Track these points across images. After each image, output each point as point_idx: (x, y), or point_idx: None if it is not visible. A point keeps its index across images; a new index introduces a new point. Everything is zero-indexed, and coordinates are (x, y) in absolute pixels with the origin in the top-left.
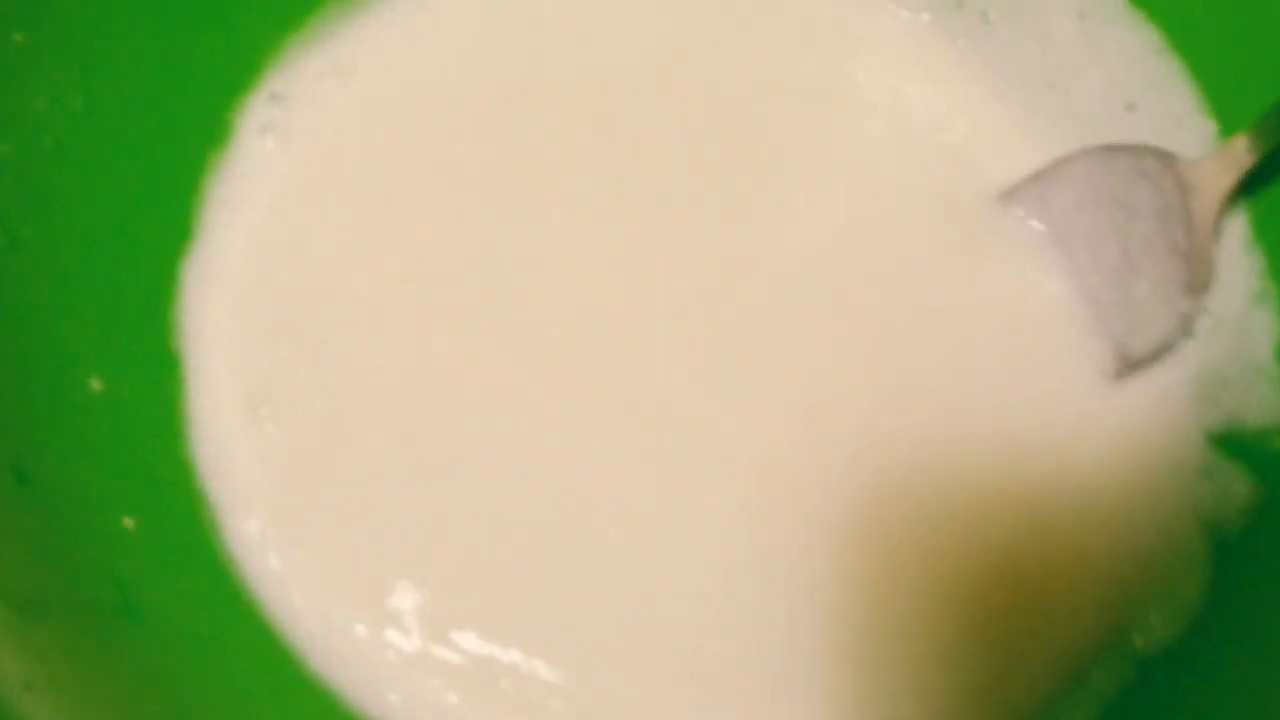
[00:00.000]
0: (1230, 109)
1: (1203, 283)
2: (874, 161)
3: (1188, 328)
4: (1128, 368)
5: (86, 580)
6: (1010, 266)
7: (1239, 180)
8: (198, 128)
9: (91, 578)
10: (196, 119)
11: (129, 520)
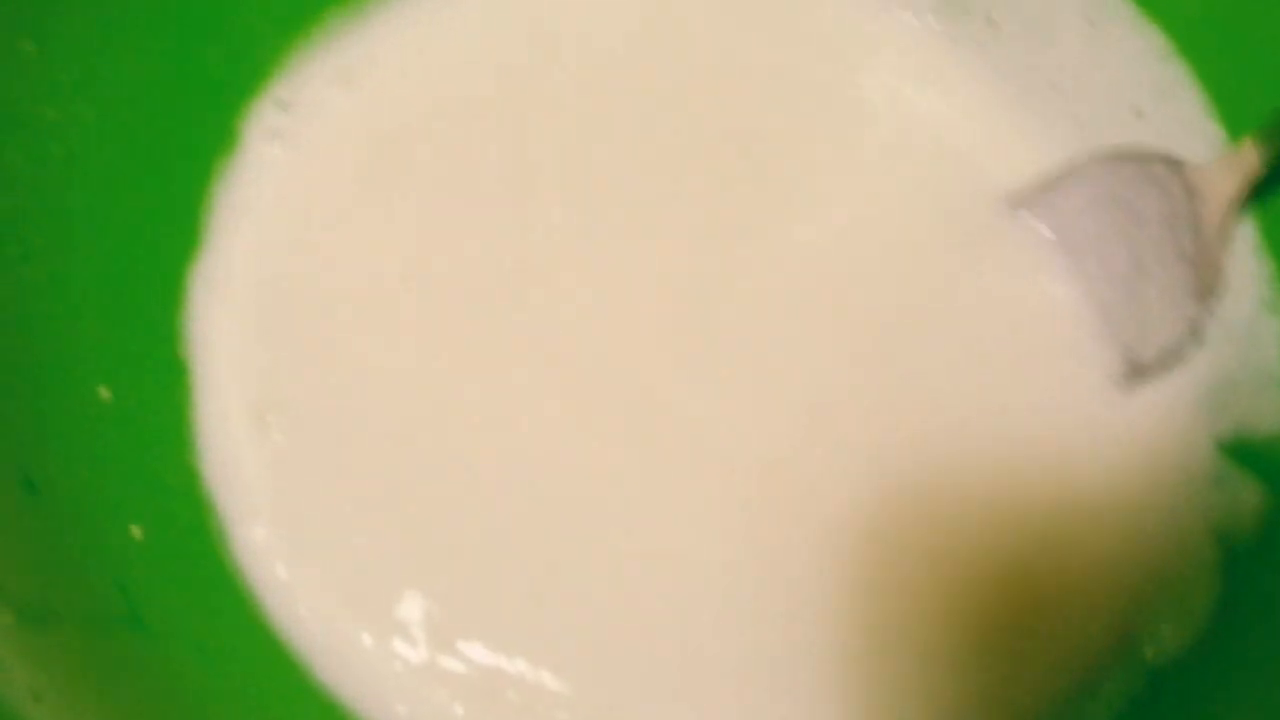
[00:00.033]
0: (1238, 114)
1: (1211, 289)
2: (880, 166)
3: (1196, 334)
4: (1136, 374)
5: (94, 589)
6: (1017, 272)
7: (1247, 185)
8: (205, 135)
9: (99, 586)
10: (204, 126)
11: (137, 529)
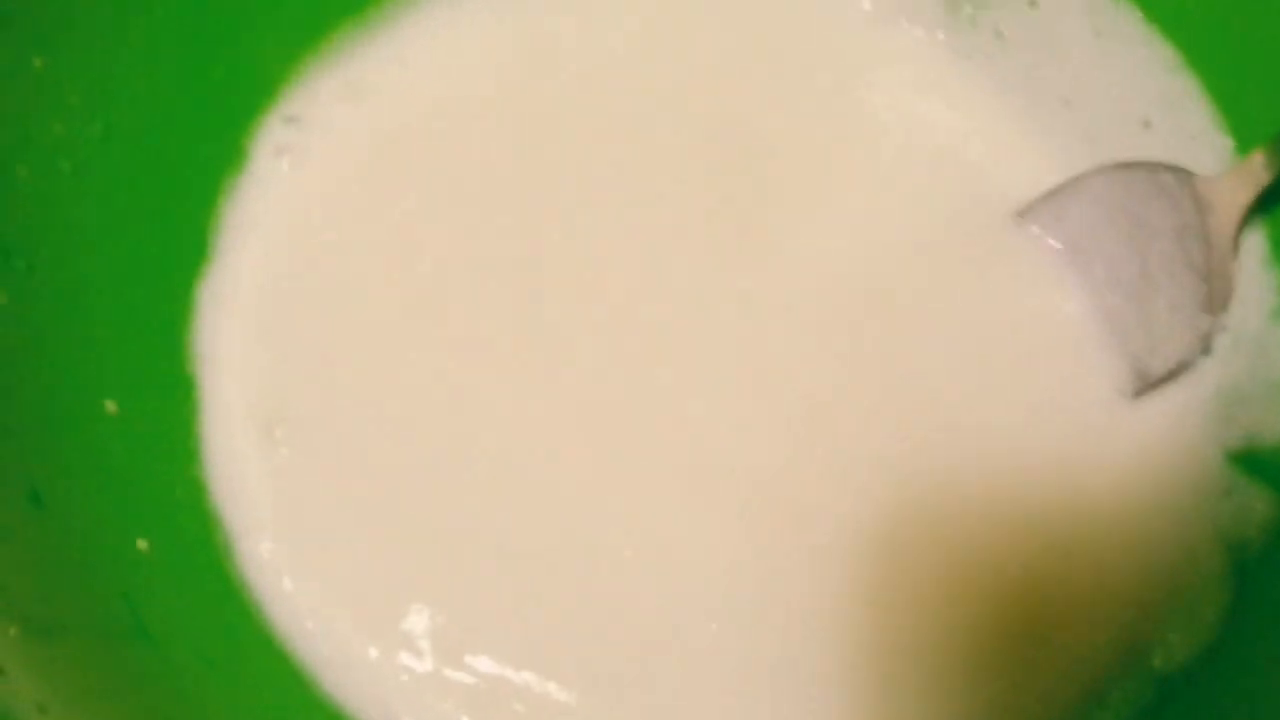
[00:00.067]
0: (1247, 126)
1: (1221, 300)
2: (889, 179)
3: (1206, 345)
4: (1146, 386)
5: (100, 601)
6: (1026, 284)
7: (1256, 197)
8: (213, 151)
9: (105, 599)
10: (212, 142)
11: (143, 542)
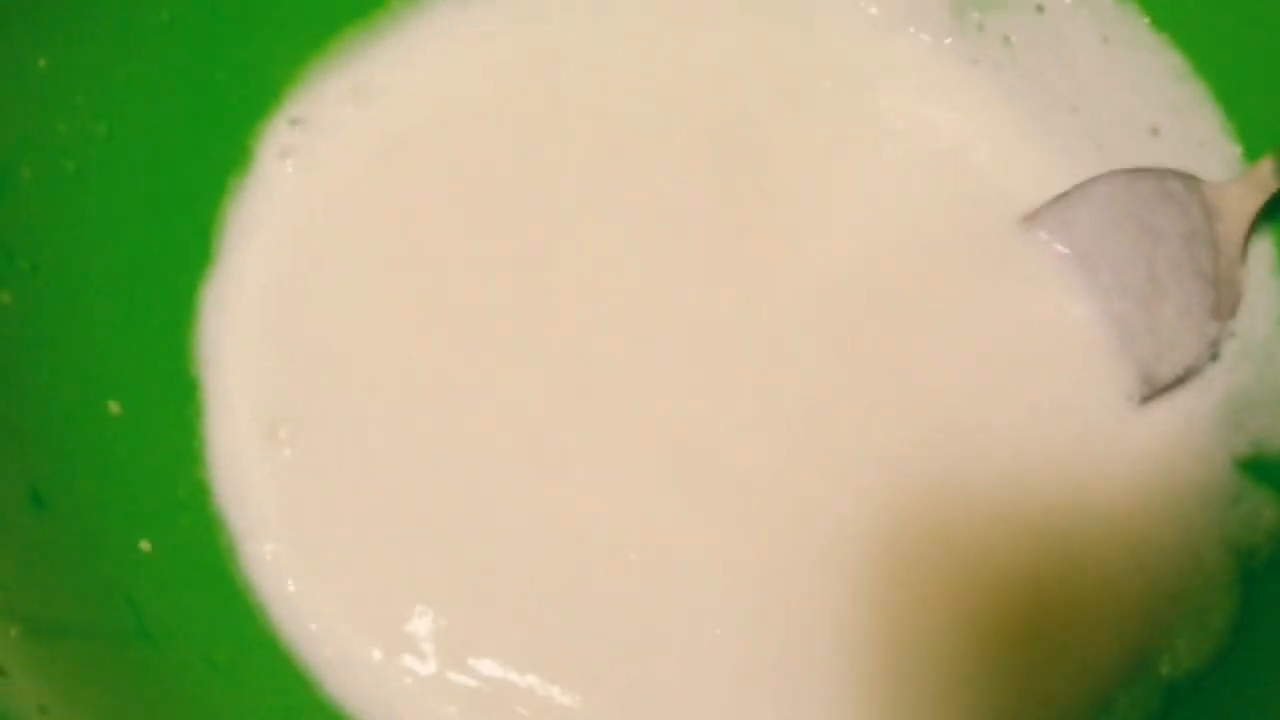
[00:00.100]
0: (1255, 133)
1: (1229, 307)
2: (894, 184)
3: (1214, 351)
4: (1153, 391)
5: (103, 603)
6: (1034, 290)
7: (1265, 204)
8: (218, 152)
9: (107, 600)
10: (217, 143)
11: (146, 543)
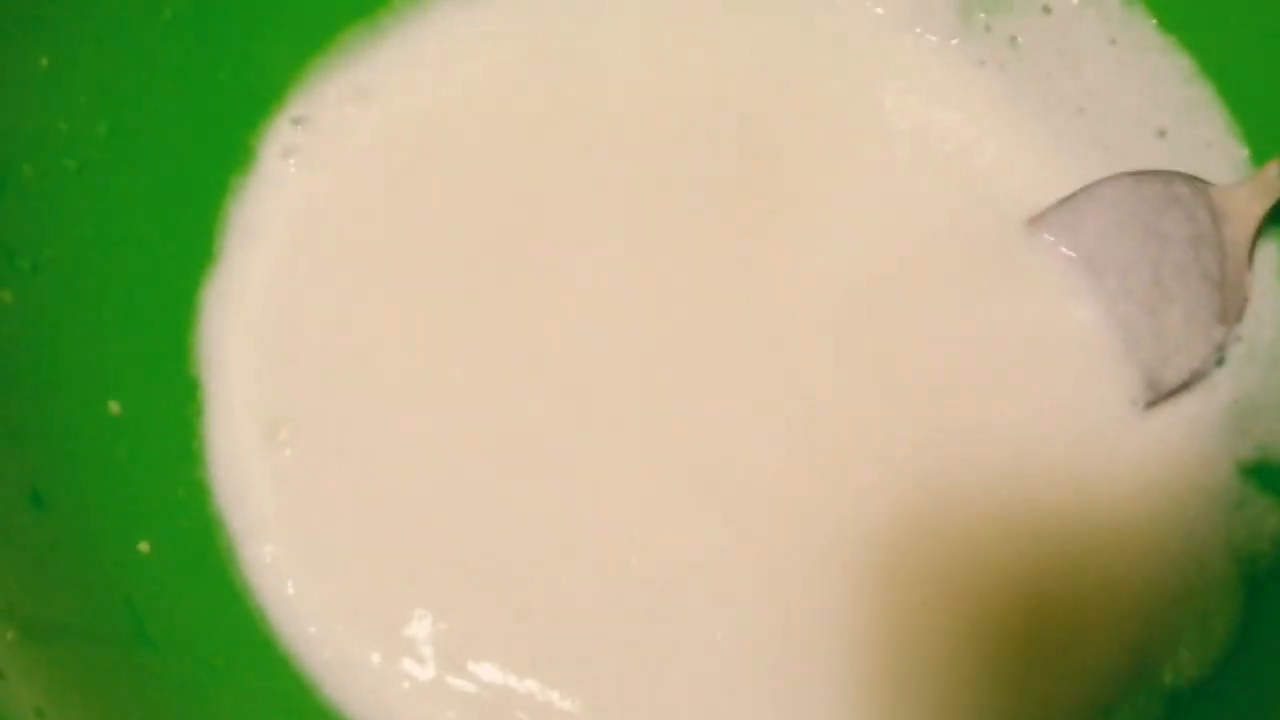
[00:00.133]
0: (1263, 136)
1: (1235, 311)
2: (901, 187)
3: (1220, 356)
4: (1158, 396)
5: (101, 604)
6: (1039, 293)
7: (1272, 207)
8: (220, 151)
9: (106, 602)
10: (219, 142)
11: (145, 544)
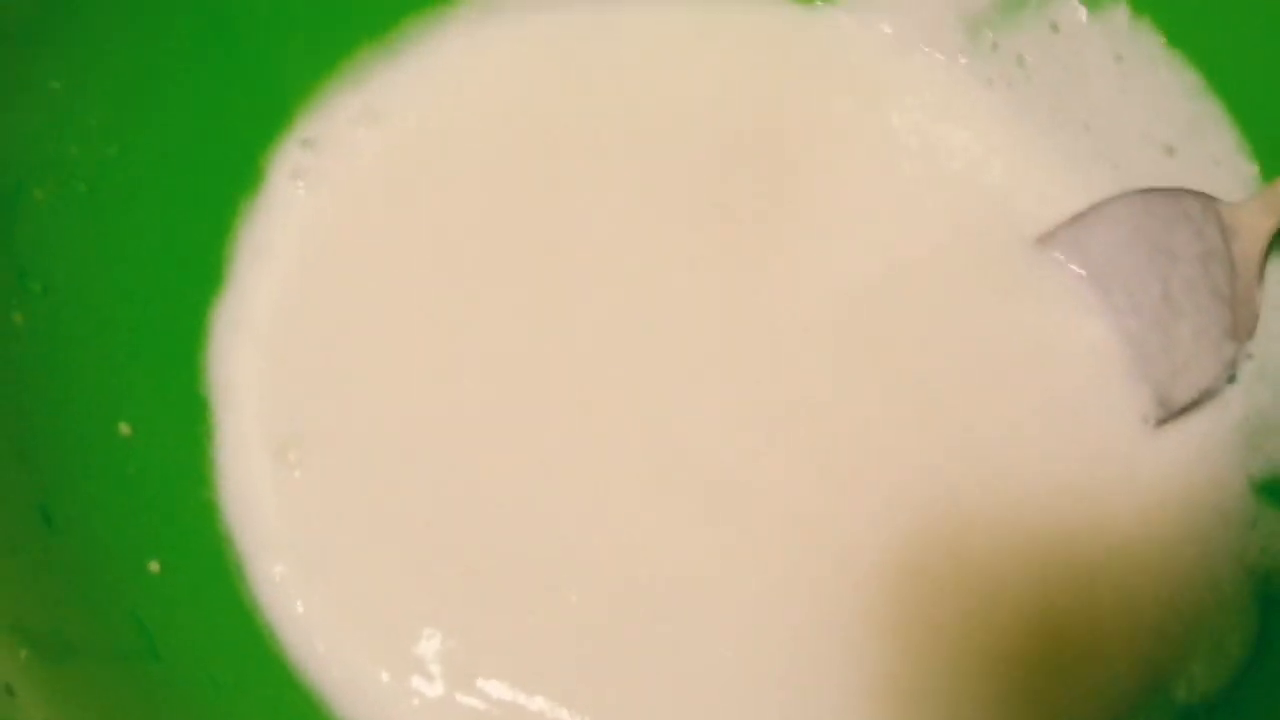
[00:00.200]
0: (1272, 152)
1: (1246, 328)
2: (910, 205)
3: (1230, 373)
4: (1169, 413)
5: (111, 623)
6: (1048, 310)
7: None
8: (230, 173)
9: (116, 620)
10: (229, 164)
11: (154, 564)
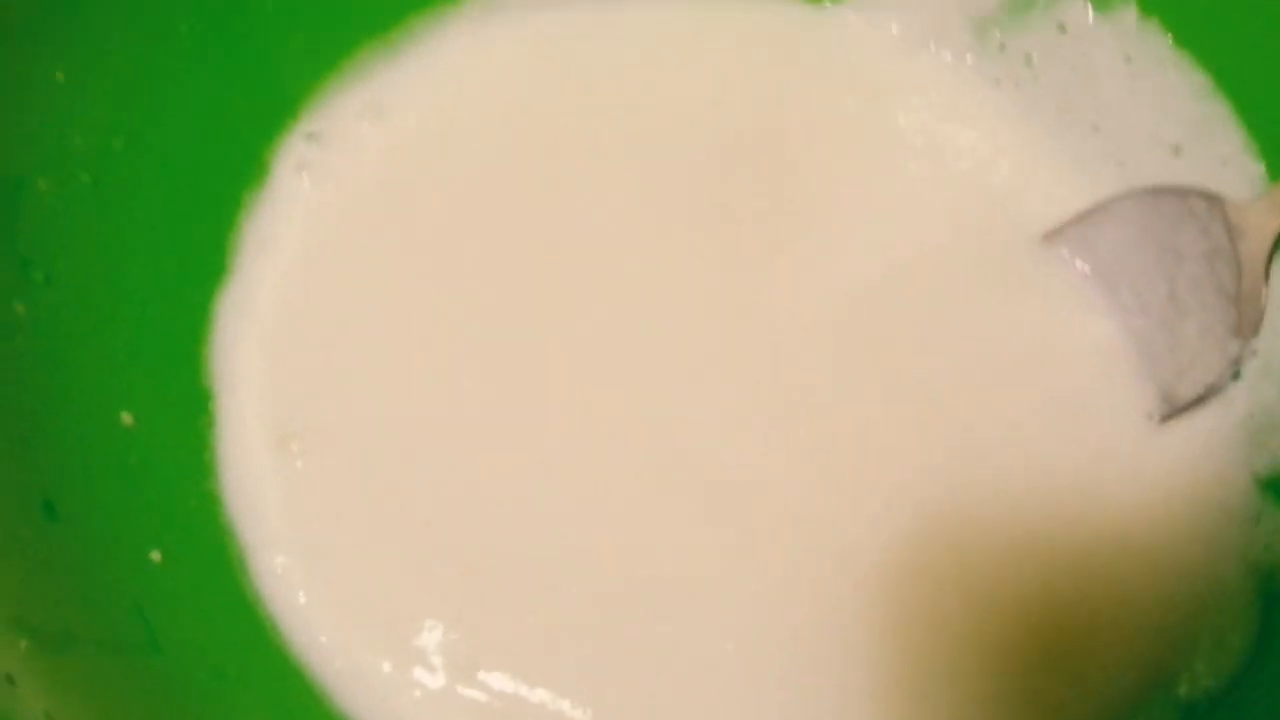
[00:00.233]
0: (1278, 151)
1: (1251, 325)
2: (916, 203)
3: (1235, 370)
4: (1174, 410)
5: (112, 614)
6: (1054, 308)
7: None
8: (235, 166)
9: (118, 611)
10: (233, 157)
11: (156, 554)
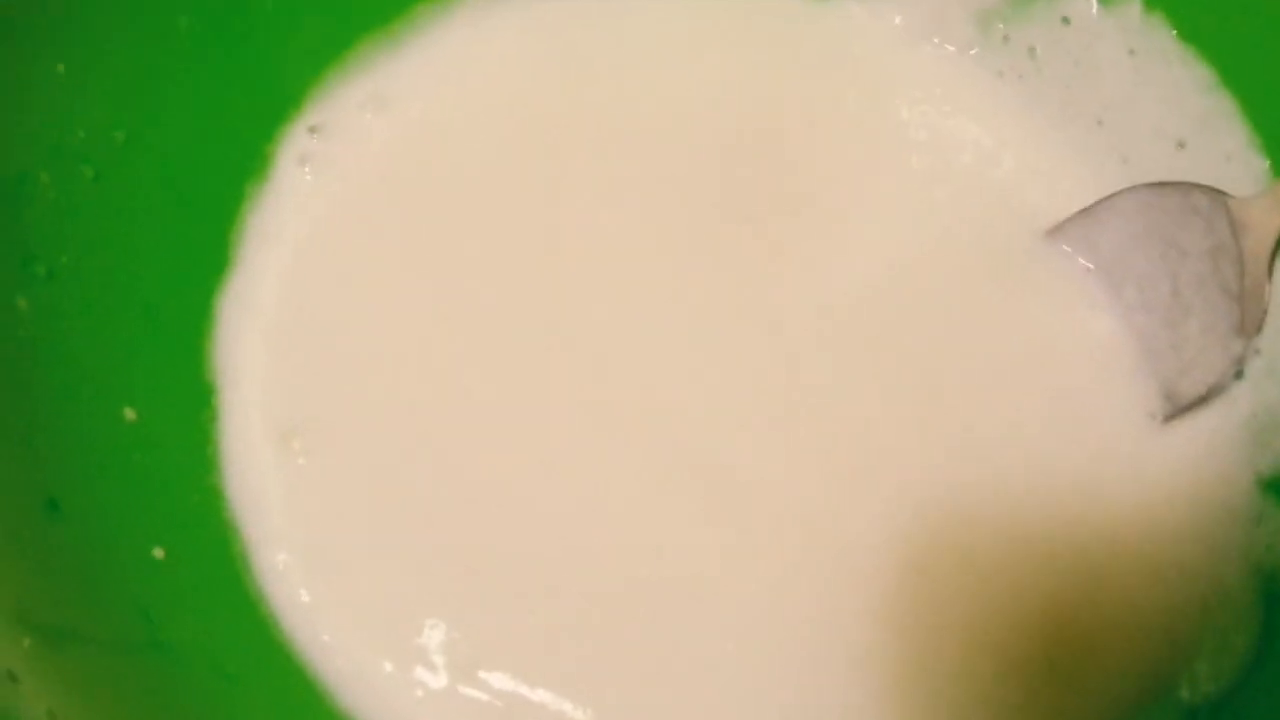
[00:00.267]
0: None
1: (1254, 323)
2: (919, 198)
3: (1239, 369)
4: (1177, 409)
5: (115, 611)
6: (1057, 305)
7: None
8: (237, 159)
9: (120, 608)
10: (235, 150)
11: (159, 550)
